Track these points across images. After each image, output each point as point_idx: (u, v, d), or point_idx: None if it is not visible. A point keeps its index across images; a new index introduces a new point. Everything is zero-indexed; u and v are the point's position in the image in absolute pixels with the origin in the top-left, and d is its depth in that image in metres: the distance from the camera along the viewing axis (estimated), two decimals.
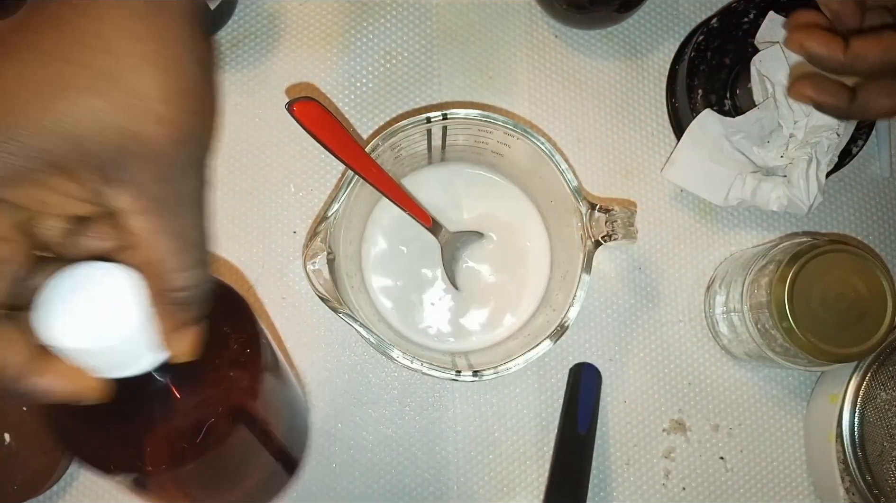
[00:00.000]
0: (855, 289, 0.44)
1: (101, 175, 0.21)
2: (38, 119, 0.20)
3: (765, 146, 0.50)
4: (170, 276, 0.22)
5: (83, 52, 0.20)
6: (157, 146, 0.21)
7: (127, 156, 0.21)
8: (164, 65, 0.21)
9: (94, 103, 0.20)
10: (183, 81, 0.21)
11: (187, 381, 0.25)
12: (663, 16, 0.56)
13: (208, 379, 0.26)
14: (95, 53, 0.20)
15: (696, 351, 0.52)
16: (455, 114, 0.42)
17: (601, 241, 0.42)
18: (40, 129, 0.20)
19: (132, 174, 0.21)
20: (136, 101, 0.21)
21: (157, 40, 0.21)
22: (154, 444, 0.25)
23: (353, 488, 0.49)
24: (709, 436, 0.51)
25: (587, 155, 0.54)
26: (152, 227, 0.22)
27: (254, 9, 0.54)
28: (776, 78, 0.49)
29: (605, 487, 0.50)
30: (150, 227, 0.22)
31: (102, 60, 0.20)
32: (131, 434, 0.25)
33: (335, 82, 0.53)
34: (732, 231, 0.53)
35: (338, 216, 0.41)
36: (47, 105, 0.20)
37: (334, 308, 0.39)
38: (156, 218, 0.22)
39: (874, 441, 0.46)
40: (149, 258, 0.22)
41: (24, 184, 0.21)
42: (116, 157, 0.21)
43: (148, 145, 0.21)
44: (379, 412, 0.50)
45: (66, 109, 0.20)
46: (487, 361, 0.43)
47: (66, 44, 0.20)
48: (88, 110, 0.20)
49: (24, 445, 0.46)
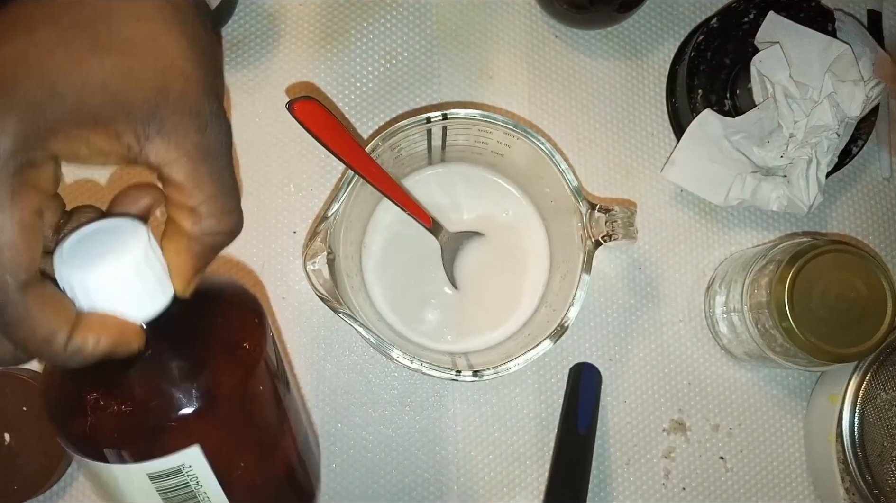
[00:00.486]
0: (855, 289, 0.44)
1: (138, 130, 0.23)
2: (79, 76, 0.22)
3: (765, 146, 0.50)
4: (208, 220, 0.24)
5: (116, 21, 0.22)
6: (189, 100, 0.23)
7: (163, 109, 0.23)
8: (186, 31, 0.24)
9: (131, 63, 0.22)
10: (200, 45, 0.24)
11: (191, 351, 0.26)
12: (663, 16, 0.56)
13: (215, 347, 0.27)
14: (129, 21, 0.22)
15: (696, 351, 0.52)
16: (455, 114, 0.42)
17: (601, 241, 0.42)
18: (82, 86, 0.22)
19: (169, 126, 0.23)
20: (167, 61, 0.23)
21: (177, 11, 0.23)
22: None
23: (354, 488, 0.49)
24: (709, 436, 0.51)
25: (587, 155, 0.54)
26: (195, 172, 0.23)
27: (254, 9, 0.54)
28: (776, 78, 0.49)
29: (605, 487, 0.50)
30: (192, 173, 0.23)
31: (135, 28, 0.23)
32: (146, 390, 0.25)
33: (335, 82, 0.53)
34: (732, 231, 0.54)
35: (338, 216, 0.41)
36: (87, 64, 0.22)
37: (334, 308, 0.39)
38: (196, 164, 0.23)
39: (874, 441, 0.46)
40: (190, 203, 0.24)
41: (65, 137, 0.22)
42: (153, 111, 0.23)
43: (181, 99, 0.23)
44: (379, 412, 0.50)
45: (105, 68, 0.22)
46: (487, 361, 0.43)
47: (100, 14, 0.22)
48: (126, 69, 0.22)
49: (24, 446, 0.46)
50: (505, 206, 0.50)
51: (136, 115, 0.22)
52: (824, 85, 0.49)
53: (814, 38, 0.50)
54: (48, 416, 0.26)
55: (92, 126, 0.22)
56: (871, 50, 0.50)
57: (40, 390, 0.26)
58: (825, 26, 0.51)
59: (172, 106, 0.23)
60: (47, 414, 0.26)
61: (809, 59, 0.49)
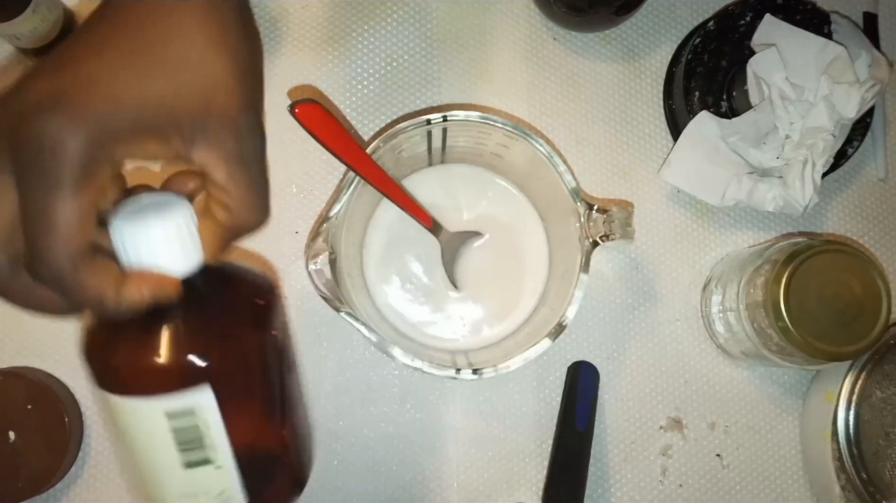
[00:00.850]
0: (850, 289, 0.44)
1: (185, 138, 0.27)
2: (137, 95, 0.25)
3: (761, 147, 0.51)
4: (240, 216, 0.28)
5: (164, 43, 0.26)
6: (231, 112, 0.27)
7: (207, 121, 0.26)
8: (229, 51, 0.27)
9: (180, 82, 0.26)
10: (242, 63, 0.27)
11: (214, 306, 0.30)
12: (660, 18, 0.56)
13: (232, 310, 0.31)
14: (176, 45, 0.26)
15: (693, 349, 0.52)
16: (455, 115, 0.42)
17: (599, 241, 0.42)
18: (139, 103, 0.25)
19: (213, 135, 0.27)
20: (212, 79, 0.26)
21: (220, 32, 0.27)
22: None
23: (355, 485, 0.50)
24: (705, 433, 0.52)
25: (585, 156, 0.54)
26: (231, 175, 0.27)
27: (255, 11, 0.54)
28: (772, 80, 0.49)
29: (603, 484, 0.51)
30: (230, 176, 0.27)
31: (185, 50, 0.26)
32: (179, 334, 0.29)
33: (336, 84, 0.54)
34: (729, 231, 0.54)
35: (339, 217, 0.41)
36: (144, 84, 0.26)
37: (336, 307, 0.40)
38: (231, 168, 0.27)
39: (869, 439, 0.46)
40: (227, 200, 0.28)
41: (124, 144, 0.26)
42: (200, 122, 0.26)
43: (224, 112, 0.27)
44: (380, 410, 0.51)
45: (159, 87, 0.26)
46: (487, 360, 0.43)
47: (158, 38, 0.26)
48: (176, 87, 0.26)
49: (28, 444, 0.46)
50: (504, 207, 0.51)
51: (184, 126, 0.26)
52: (820, 87, 0.49)
53: (810, 41, 0.50)
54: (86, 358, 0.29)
55: (147, 135, 0.26)
56: (867, 52, 0.50)
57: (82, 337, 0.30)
58: (821, 28, 0.52)
59: (215, 118, 0.26)
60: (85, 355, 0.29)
61: (805, 61, 0.50)
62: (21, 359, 0.50)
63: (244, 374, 0.30)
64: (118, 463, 0.35)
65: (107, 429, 0.31)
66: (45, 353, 0.50)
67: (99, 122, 0.25)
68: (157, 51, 0.26)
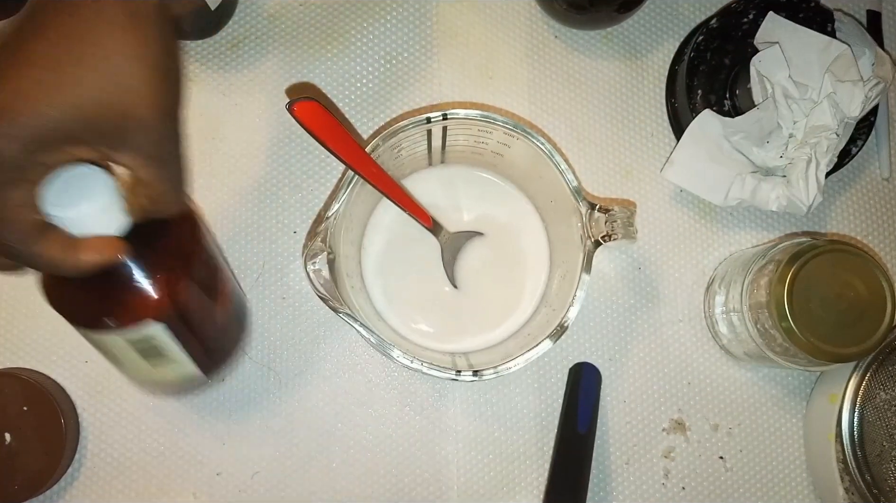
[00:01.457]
0: (854, 289, 0.44)
1: (107, 143, 0.30)
2: (61, 105, 0.28)
3: (764, 146, 0.50)
4: (161, 202, 0.33)
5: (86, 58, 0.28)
6: (149, 121, 0.30)
7: (127, 129, 0.29)
8: (147, 61, 0.29)
9: (99, 93, 0.28)
10: (160, 72, 0.30)
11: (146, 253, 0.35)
12: (663, 16, 0.56)
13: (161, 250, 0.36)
14: (97, 59, 0.28)
15: (696, 351, 0.52)
16: (455, 114, 0.42)
17: (601, 241, 0.42)
18: (63, 115, 0.28)
19: (132, 141, 0.30)
20: (129, 90, 0.29)
21: (138, 43, 0.29)
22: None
23: (353, 487, 0.49)
24: (708, 435, 0.51)
25: (587, 155, 0.54)
26: (152, 174, 0.31)
27: (254, 9, 0.54)
28: (776, 78, 0.49)
29: (605, 487, 0.50)
30: (151, 175, 0.31)
31: (102, 63, 0.28)
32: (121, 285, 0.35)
33: (335, 82, 0.54)
34: (732, 231, 0.54)
35: (338, 216, 0.41)
36: (65, 95, 0.28)
37: (334, 308, 0.39)
38: (153, 169, 0.31)
39: (873, 441, 0.46)
40: (147, 192, 0.32)
41: (52, 151, 0.29)
42: (119, 131, 0.29)
43: (142, 121, 0.29)
44: (379, 412, 0.50)
45: (78, 98, 0.28)
46: (487, 361, 0.43)
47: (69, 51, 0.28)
48: (96, 98, 0.28)
49: (25, 445, 0.46)
50: (505, 207, 0.50)
51: (107, 135, 0.29)
52: (824, 85, 0.49)
53: (813, 39, 0.50)
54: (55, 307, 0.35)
55: (73, 143, 0.29)
56: (871, 50, 0.50)
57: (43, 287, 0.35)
58: (825, 26, 0.51)
59: (135, 126, 0.29)
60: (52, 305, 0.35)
61: (809, 59, 0.50)
62: (17, 360, 0.49)
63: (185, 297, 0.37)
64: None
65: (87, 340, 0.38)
66: (41, 355, 0.49)
67: (28, 136, 0.28)
68: (81, 65, 0.28)
